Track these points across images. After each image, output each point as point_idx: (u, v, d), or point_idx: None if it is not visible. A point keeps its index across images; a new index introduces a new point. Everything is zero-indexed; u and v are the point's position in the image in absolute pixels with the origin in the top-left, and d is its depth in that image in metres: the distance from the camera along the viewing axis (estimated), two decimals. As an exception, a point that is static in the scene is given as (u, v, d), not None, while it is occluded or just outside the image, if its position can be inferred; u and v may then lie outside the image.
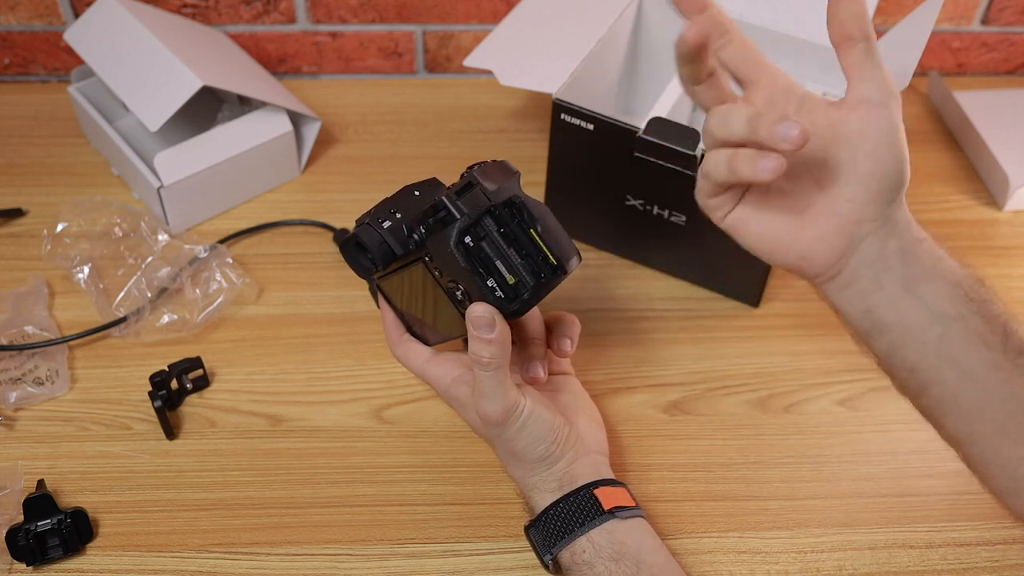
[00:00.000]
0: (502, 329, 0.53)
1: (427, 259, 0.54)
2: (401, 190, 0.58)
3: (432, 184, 0.59)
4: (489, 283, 0.52)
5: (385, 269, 0.58)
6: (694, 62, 0.49)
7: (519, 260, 0.52)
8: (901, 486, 0.65)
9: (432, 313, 0.58)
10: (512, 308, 0.52)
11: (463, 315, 0.54)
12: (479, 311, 0.52)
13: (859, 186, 0.49)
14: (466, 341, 0.60)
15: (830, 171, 0.49)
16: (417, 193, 0.57)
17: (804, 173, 0.50)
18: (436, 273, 0.54)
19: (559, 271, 0.52)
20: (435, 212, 0.52)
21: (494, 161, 0.56)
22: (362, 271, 0.59)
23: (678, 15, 0.51)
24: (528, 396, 0.56)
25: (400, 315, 0.62)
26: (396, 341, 0.61)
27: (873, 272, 0.50)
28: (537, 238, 0.52)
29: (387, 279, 0.59)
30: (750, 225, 0.52)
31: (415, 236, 0.54)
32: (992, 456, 0.51)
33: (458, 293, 0.53)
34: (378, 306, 0.63)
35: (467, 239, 0.51)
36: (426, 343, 0.61)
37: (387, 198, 0.58)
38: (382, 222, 0.56)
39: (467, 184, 0.53)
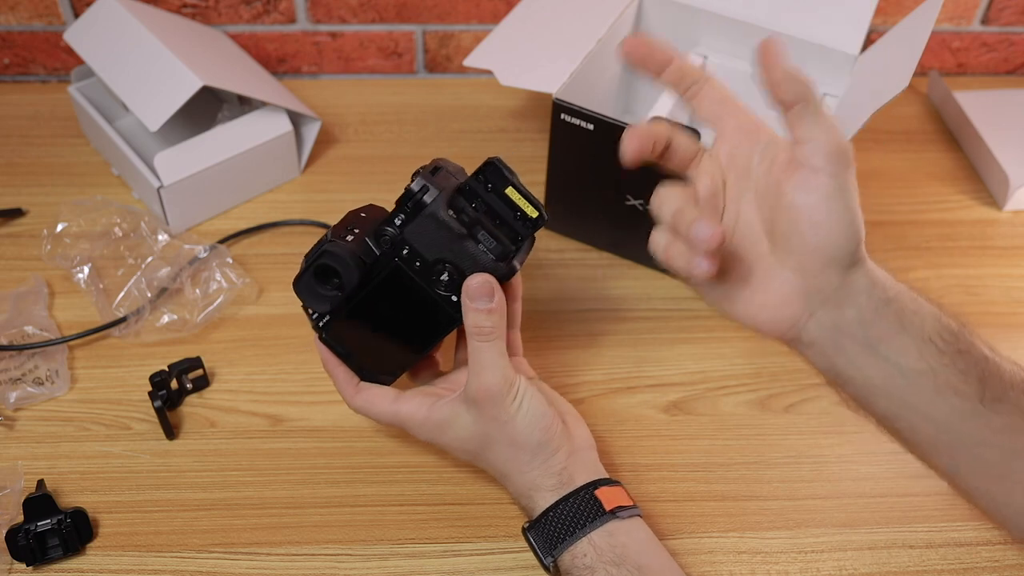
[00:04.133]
0: (500, 297, 0.54)
1: (404, 254, 0.54)
2: (346, 215, 0.58)
3: (372, 207, 0.59)
4: (481, 247, 0.53)
5: (346, 296, 0.56)
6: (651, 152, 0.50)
7: (497, 224, 0.54)
8: (901, 486, 0.65)
9: (401, 331, 0.58)
10: (505, 270, 0.54)
11: (449, 306, 0.55)
12: (478, 281, 0.53)
13: (805, 257, 0.47)
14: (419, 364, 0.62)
15: (777, 239, 0.48)
16: (364, 215, 0.58)
17: (756, 238, 0.50)
18: (417, 264, 0.54)
19: (541, 220, 0.54)
20: (411, 196, 0.53)
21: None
22: (322, 303, 0.56)
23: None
24: (520, 374, 0.56)
25: (347, 357, 0.60)
26: (353, 393, 0.60)
27: (832, 337, 0.49)
28: (517, 194, 0.54)
29: (337, 320, 0.57)
30: (705, 288, 0.52)
31: (386, 235, 0.54)
32: (977, 493, 0.51)
33: (444, 277, 0.54)
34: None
35: (451, 210, 0.53)
36: (384, 383, 0.61)
37: (334, 225, 0.57)
38: (344, 237, 0.55)
39: (435, 167, 0.55)
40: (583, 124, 0.72)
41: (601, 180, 0.76)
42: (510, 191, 0.54)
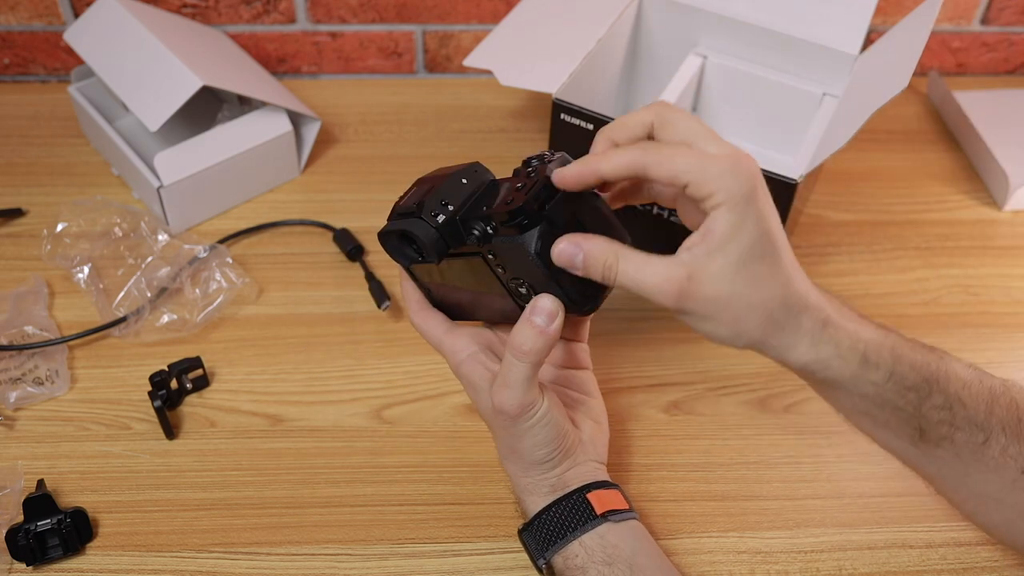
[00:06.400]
0: (559, 327, 0.52)
1: (490, 255, 0.52)
2: (447, 178, 0.54)
3: (477, 169, 0.55)
4: (563, 291, 0.51)
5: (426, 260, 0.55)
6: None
7: None
8: (901, 486, 0.65)
9: (471, 296, 0.57)
10: (585, 308, 0.52)
11: (521, 307, 0.53)
12: (547, 303, 0.51)
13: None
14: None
15: None
16: (464, 181, 0.54)
17: None
18: (499, 269, 0.52)
19: None
20: (511, 218, 0.50)
21: (557, 154, 0.53)
22: (403, 259, 0.55)
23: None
24: (546, 398, 0.55)
25: (424, 288, 0.59)
26: (416, 309, 0.59)
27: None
28: None
29: (423, 265, 0.57)
30: None
31: (475, 232, 0.52)
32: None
33: (523, 289, 0.52)
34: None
35: (542, 244, 0.50)
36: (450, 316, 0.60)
37: (434, 186, 0.54)
38: (435, 215, 0.52)
39: (544, 186, 0.50)
40: (583, 124, 0.72)
41: (601, 180, 0.76)
42: None
